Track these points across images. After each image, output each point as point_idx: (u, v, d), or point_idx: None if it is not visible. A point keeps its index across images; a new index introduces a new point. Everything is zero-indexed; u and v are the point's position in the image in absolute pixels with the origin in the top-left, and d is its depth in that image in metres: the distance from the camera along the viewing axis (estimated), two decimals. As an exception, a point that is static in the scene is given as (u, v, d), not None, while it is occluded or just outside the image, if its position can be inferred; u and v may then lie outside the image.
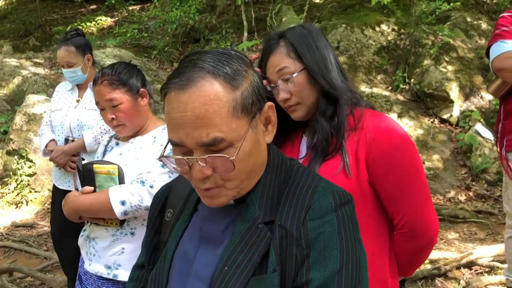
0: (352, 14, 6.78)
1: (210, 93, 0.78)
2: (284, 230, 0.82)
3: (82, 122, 2.68)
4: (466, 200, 4.62)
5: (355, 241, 0.83)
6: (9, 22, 9.83)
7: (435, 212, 1.30)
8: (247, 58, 0.86)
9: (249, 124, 0.81)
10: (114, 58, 6.54)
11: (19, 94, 6.26)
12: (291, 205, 0.84)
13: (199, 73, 0.79)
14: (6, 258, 3.93)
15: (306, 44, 1.29)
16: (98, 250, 1.68)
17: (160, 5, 7.94)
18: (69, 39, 2.70)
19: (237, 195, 0.85)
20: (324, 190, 0.85)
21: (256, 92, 0.83)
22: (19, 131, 5.29)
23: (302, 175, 0.89)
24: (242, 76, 0.82)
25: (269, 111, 0.86)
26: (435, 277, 3.18)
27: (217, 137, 0.78)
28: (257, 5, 8.11)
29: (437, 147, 5.18)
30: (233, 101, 0.79)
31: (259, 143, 0.84)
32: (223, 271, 0.81)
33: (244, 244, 0.82)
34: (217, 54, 0.82)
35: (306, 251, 0.81)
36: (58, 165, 2.68)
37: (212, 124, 0.77)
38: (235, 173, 0.81)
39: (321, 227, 0.81)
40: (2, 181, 5.22)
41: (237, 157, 0.79)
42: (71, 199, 1.64)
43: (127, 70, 1.71)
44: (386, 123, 1.27)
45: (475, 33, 6.22)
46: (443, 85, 5.47)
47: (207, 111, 0.77)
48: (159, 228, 1.00)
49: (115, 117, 1.67)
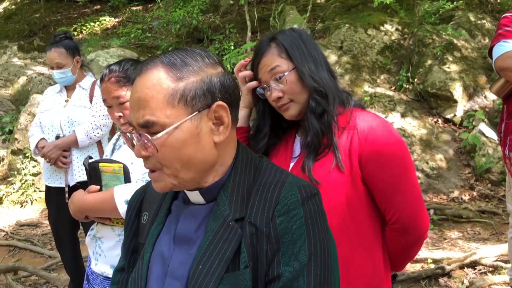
0: (356, 14, 6.78)
1: (153, 79, 0.85)
2: (254, 226, 0.85)
3: (72, 119, 2.72)
4: (470, 200, 4.61)
5: (322, 233, 0.86)
6: (14, 22, 9.88)
7: (426, 208, 1.35)
8: (212, 59, 0.91)
9: (187, 115, 0.85)
10: (118, 58, 6.57)
11: (24, 94, 6.30)
12: (260, 202, 0.87)
13: (155, 63, 0.87)
14: (11, 257, 3.96)
15: (296, 45, 1.35)
16: (104, 250, 1.67)
17: (163, 5, 7.96)
18: (58, 41, 2.77)
19: (178, 185, 0.89)
20: (291, 186, 0.88)
21: (204, 89, 0.86)
22: (23, 130, 5.32)
23: (270, 171, 0.93)
24: (191, 71, 0.86)
25: (220, 111, 0.88)
26: (439, 277, 3.17)
27: (149, 120, 0.84)
28: (260, 5, 8.12)
29: (440, 147, 5.17)
30: (172, 90, 0.84)
31: (199, 137, 0.86)
32: (198, 269, 0.84)
33: (216, 242, 0.85)
34: (181, 50, 0.89)
35: (276, 246, 0.84)
36: (50, 160, 2.70)
37: (148, 107, 0.84)
38: (166, 158, 0.85)
39: (289, 222, 0.84)
40: (7, 180, 5.25)
41: (159, 140, 0.84)
42: (77, 198, 1.64)
43: (134, 67, 1.69)
44: (377, 122, 1.31)
45: (478, 32, 6.20)
46: (446, 84, 5.46)
47: (146, 95, 0.84)
48: (136, 232, 1.03)
49: (123, 115, 1.66)
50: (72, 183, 2.75)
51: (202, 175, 0.90)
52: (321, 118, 1.32)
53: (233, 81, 0.92)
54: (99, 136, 2.73)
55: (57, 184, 2.79)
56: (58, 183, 2.79)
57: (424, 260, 3.41)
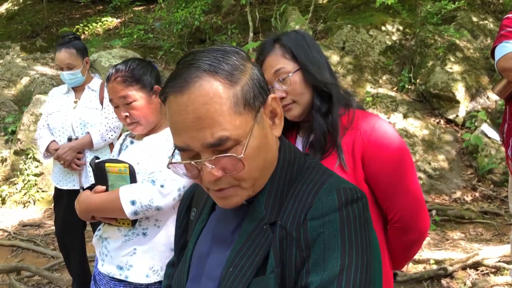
0: (358, 14, 6.78)
1: (209, 92, 0.75)
2: (284, 230, 0.79)
3: (84, 120, 2.70)
4: (472, 201, 4.61)
5: (362, 243, 0.76)
6: (17, 23, 9.91)
7: (426, 208, 1.38)
8: (243, 52, 0.84)
9: (253, 119, 0.78)
10: (121, 58, 6.58)
11: (27, 95, 6.32)
12: (294, 204, 0.80)
13: (196, 73, 0.76)
14: (14, 257, 3.97)
15: (300, 46, 1.37)
16: (110, 250, 1.66)
17: (165, 6, 7.97)
18: (68, 42, 2.73)
19: (252, 194, 0.83)
20: (330, 187, 0.79)
21: (257, 85, 0.80)
22: (26, 131, 5.34)
23: (312, 171, 0.85)
24: (240, 70, 0.79)
25: (273, 103, 0.83)
26: (441, 278, 3.17)
27: (222, 136, 0.75)
28: (262, 5, 8.13)
29: (442, 147, 5.17)
30: (234, 97, 0.76)
31: (267, 137, 0.81)
32: (228, 272, 0.80)
33: (248, 246, 0.81)
34: (212, 52, 0.80)
35: (306, 253, 0.76)
36: (64, 162, 2.67)
37: (215, 124, 0.75)
38: (247, 171, 0.78)
39: (322, 227, 0.76)
40: (10, 181, 5.27)
41: (245, 154, 0.76)
42: (83, 199, 1.64)
43: (140, 67, 1.67)
44: (379, 123, 1.34)
45: (481, 33, 6.19)
46: (449, 85, 5.46)
47: (208, 111, 0.74)
48: (186, 228, 1.00)
49: (129, 115, 1.64)
50: (86, 185, 2.72)
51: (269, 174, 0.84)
52: (326, 117, 1.34)
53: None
54: (113, 138, 2.73)
55: (69, 187, 2.76)
56: (71, 185, 2.76)
57: (426, 261, 3.41)
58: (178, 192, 1.57)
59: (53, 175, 2.87)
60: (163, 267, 1.61)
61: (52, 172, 2.88)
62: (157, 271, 1.62)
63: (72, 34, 2.84)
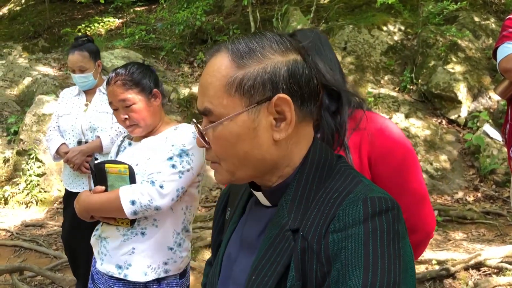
0: (359, 14, 6.78)
1: (215, 65, 0.79)
2: (306, 241, 0.74)
3: (94, 124, 2.70)
4: (474, 201, 4.60)
5: (390, 259, 0.68)
6: (19, 23, 9.94)
7: (432, 208, 1.39)
8: (287, 45, 0.80)
9: (244, 107, 0.77)
10: (123, 59, 6.59)
11: (29, 95, 6.33)
12: (318, 213, 0.75)
13: (220, 48, 0.82)
14: (17, 257, 3.98)
15: (315, 44, 1.37)
16: (109, 250, 1.69)
17: (167, 6, 7.98)
18: (81, 44, 2.72)
19: (234, 180, 0.83)
20: (356, 196, 0.73)
21: (266, 80, 0.77)
22: (29, 131, 5.35)
23: (340, 176, 0.79)
24: (254, 58, 0.78)
25: (282, 105, 0.77)
26: (443, 278, 3.17)
27: (207, 107, 0.79)
28: (264, 6, 8.13)
29: (444, 148, 5.16)
30: (231, 78, 0.77)
31: (255, 133, 0.77)
32: (251, 280, 0.78)
33: (271, 253, 0.77)
34: (251, 34, 0.82)
35: (326, 268, 0.71)
36: (73, 165, 2.68)
37: (206, 94, 0.79)
38: (217, 151, 0.80)
39: (344, 241, 0.70)
40: (12, 181, 5.28)
41: (215, 133, 0.78)
42: (83, 198, 1.66)
43: (140, 70, 1.72)
44: (385, 124, 1.35)
45: (483, 33, 6.19)
46: (450, 85, 5.45)
47: (206, 81, 0.80)
48: (222, 227, 0.99)
49: (128, 117, 1.68)
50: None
51: (263, 174, 0.82)
52: (335, 116, 1.33)
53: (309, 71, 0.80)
54: None
55: (79, 190, 2.75)
56: (81, 188, 2.76)
57: (428, 261, 3.41)
58: (177, 192, 1.60)
59: (63, 177, 2.88)
60: (161, 265, 1.66)
61: (63, 175, 2.89)
62: (154, 269, 1.65)
63: (85, 36, 2.82)
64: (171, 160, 1.60)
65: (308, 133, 0.83)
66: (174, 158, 1.61)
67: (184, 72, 7.05)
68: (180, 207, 1.69)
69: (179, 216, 1.70)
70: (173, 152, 1.62)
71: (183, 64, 7.27)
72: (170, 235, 1.69)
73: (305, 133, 0.82)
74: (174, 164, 1.60)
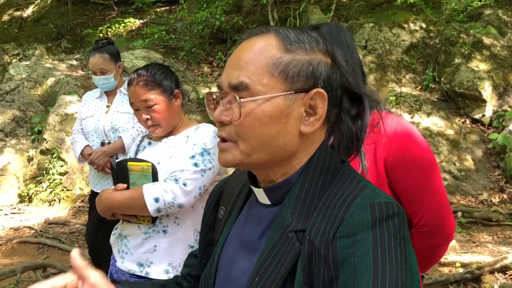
0: (380, 12, 6.69)
1: (262, 44, 0.79)
2: (313, 246, 0.73)
3: (116, 125, 2.75)
4: (500, 203, 4.49)
5: (397, 264, 0.69)
6: (42, 25, 10.15)
7: (451, 210, 1.35)
8: (328, 48, 0.83)
9: (283, 91, 0.77)
10: (143, 59, 6.66)
11: (52, 95, 6.45)
12: (324, 217, 0.75)
13: (268, 30, 0.81)
14: (40, 254, 4.06)
15: (338, 41, 1.30)
16: (130, 248, 1.69)
17: (187, 6, 8.03)
18: (101, 46, 2.78)
19: (245, 163, 0.80)
20: (363, 201, 0.73)
21: (311, 71, 0.79)
22: (52, 131, 5.45)
23: (345, 180, 0.79)
24: (303, 48, 0.79)
25: (317, 99, 0.79)
26: (468, 281, 3.10)
27: (243, 81, 0.76)
28: (283, 5, 8.10)
29: (468, 147, 5.04)
30: (278, 59, 0.77)
31: (286, 120, 0.77)
32: (254, 282, 0.77)
33: (274, 255, 0.76)
34: (297, 28, 0.83)
35: (334, 273, 0.70)
36: (97, 166, 2.74)
37: (246, 69, 0.77)
38: (247, 132, 0.77)
39: (352, 247, 0.70)
40: (36, 179, 5.39)
41: (246, 106, 0.76)
42: (106, 196, 1.67)
43: (161, 71, 1.74)
44: (402, 126, 1.29)
45: (508, 30, 6.02)
46: (475, 84, 5.33)
47: (248, 56, 0.78)
48: (212, 225, 0.98)
49: (150, 118, 1.70)
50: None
51: (275, 164, 0.81)
52: (355, 121, 1.30)
53: (340, 78, 0.83)
54: None
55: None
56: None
57: (452, 264, 3.34)
58: (199, 190, 1.63)
59: (90, 178, 2.95)
60: (181, 263, 1.65)
61: (89, 176, 2.96)
62: (175, 267, 1.66)
63: (106, 39, 2.89)
64: (194, 159, 1.61)
65: (321, 136, 0.85)
66: (196, 156, 1.62)
67: (203, 72, 7.08)
68: (201, 205, 1.70)
69: (200, 214, 1.70)
70: (195, 151, 1.63)
71: (203, 64, 7.30)
72: (191, 233, 1.69)
73: (320, 135, 0.84)
74: (196, 163, 1.61)
